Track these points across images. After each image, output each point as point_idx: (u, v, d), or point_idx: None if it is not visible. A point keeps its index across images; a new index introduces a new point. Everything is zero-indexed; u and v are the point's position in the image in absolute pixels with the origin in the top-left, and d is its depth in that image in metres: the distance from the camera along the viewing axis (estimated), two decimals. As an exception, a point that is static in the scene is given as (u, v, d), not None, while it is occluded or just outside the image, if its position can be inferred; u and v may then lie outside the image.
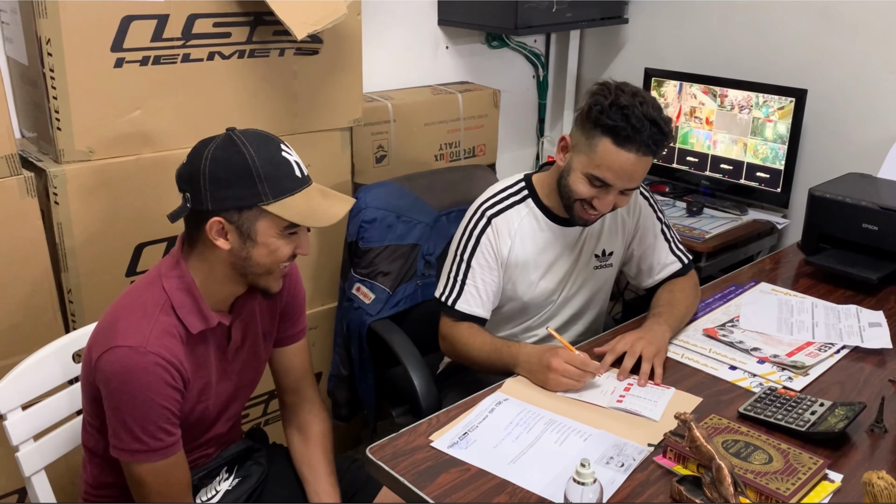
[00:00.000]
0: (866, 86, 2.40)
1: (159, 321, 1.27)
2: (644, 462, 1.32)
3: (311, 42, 2.01)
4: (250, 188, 1.26)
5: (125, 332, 1.24)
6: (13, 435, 1.36)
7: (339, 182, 2.23)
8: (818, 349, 1.67)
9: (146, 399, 1.24)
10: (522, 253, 1.75)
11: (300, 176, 1.31)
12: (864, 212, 2.02)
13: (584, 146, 1.61)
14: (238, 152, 1.26)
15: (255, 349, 1.48)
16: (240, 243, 1.29)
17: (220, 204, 1.26)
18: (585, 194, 1.63)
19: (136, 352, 1.23)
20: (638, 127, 1.54)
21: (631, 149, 1.56)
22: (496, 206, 1.75)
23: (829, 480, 1.26)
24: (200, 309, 1.32)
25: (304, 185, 1.31)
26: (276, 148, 1.30)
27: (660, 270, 1.87)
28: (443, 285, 1.76)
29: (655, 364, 1.57)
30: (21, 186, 1.66)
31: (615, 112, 1.55)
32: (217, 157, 1.26)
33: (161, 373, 1.24)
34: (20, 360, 1.41)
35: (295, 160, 1.32)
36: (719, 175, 2.65)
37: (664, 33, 2.88)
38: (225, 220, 1.27)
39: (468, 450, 1.35)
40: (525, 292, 1.78)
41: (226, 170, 1.25)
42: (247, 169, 1.25)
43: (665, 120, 1.58)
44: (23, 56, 1.80)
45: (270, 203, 1.27)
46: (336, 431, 2.41)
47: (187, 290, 1.31)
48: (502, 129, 2.82)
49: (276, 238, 1.30)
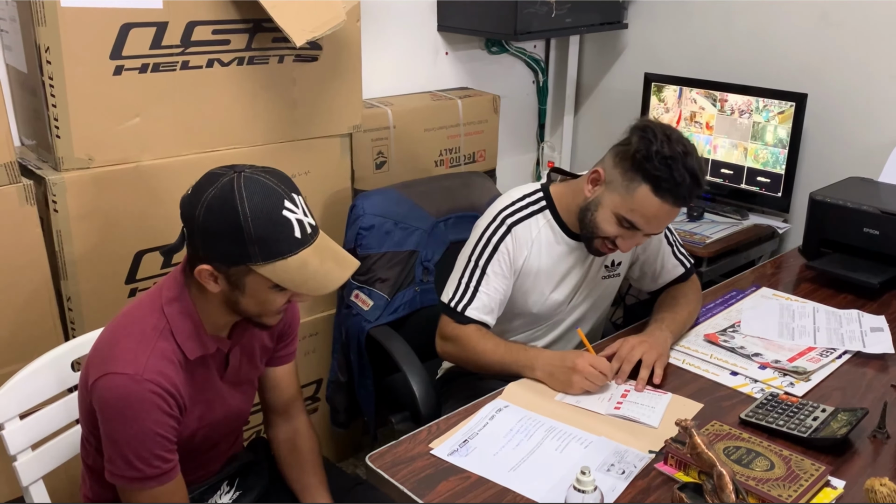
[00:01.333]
0: (867, 89, 2.40)
1: (157, 347, 1.24)
2: (645, 469, 1.31)
3: (310, 49, 2.01)
4: (240, 248, 1.19)
5: (122, 358, 1.22)
6: (11, 444, 1.35)
7: (339, 189, 2.23)
8: (820, 354, 1.67)
9: (142, 427, 1.22)
10: (537, 264, 1.74)
11: (299, 237, 1.22)
12: (865, 216, 2.02)
13: (620, 186, 1.60)
14: (233, 208, 1.18)
15: (252, 372, 1.47)
16: (229, 289, 1.25)
17: (210, 253, 1.22)
18: (611, 233, 1.63)
19: (132, 380, 1.20)
20: (679, 181, 1.54)
21: (668, 199, 1.56)
22: (516, 214, 1.73)
23: (831, 487, 1.26)
24: (199, 335, 1.30)
25: (302, 245, 1.22)
26: (278, 205, 1.21)
27: (663, 275, 1.86)
28: (452, 290, 1.73)
29: (656, 367, 1.57)
30: (20, 194, 1.66)
31: (660, 162, 1.54)
32: (212, 208, 1.19)
33: (157, 401, 1.22)
34: (19, 369, 1.41)
35: (298, 218, 1.22)
36: (720, 180, 2.64)
37: (664, 38, 2.88)
38: (214, 269, 1.23)
39: (468, 457, 1.35)
40: (535, 304, 1.78)
41: (218, 223, 1.19)
42: (238, 227, 1.18)
43: (703, 172, 1.59)
44: (22, 64, 1.80)
45: (260, 266, 1.20)
46: (335, 438, 2.44)
47: (188, 315, 1.29)
48: (502, 134, 2.82)
49: (265, 293, 1.25)
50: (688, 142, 1.59)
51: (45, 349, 1.45)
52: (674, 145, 1.55)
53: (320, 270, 1.24)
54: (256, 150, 2.01)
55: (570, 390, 1.53)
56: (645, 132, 1.58)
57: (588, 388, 1.52)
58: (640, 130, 1.59)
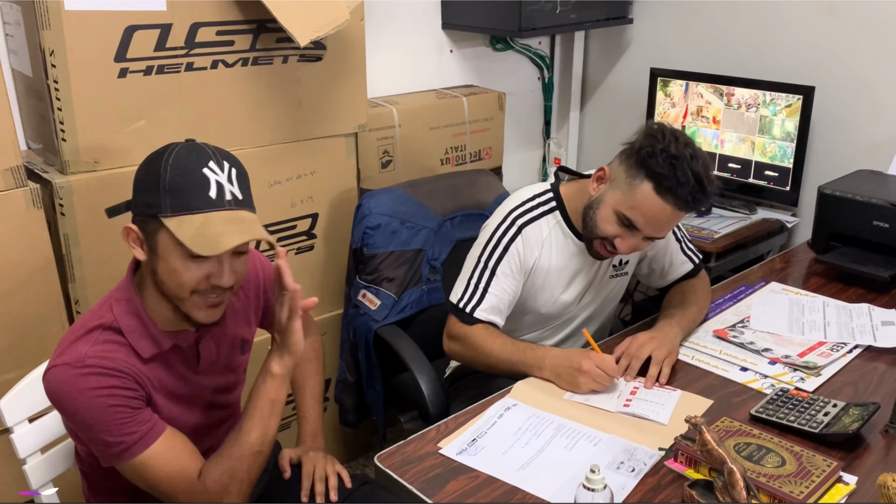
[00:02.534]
0: (874, 82, 2.38)
1: (101, 341, 1.23)
2: (655, 466, 1.31)
3: (314, 48, 2.01)
4: (154, 196, 1.20)
5: (62, 352, 1.22)
6: (20, 448, 1.36)
7: (345, 189, 2.23)
8: (830, 349, 1.66)
9: (94, 404, 1.20)
10: (547, 264, 1.73)
11: (213, 197, 1.20)
12: (874, 209, 2.00)
13: (622, 183, 1.58)
14: (158, 157, 1.23)
15: (234, 363, 1.45)
16: (149, 254, 1.25)
17: (134, 207, 1.25)
18: (609, 233, 1.61)
19: (70, 367, 1.19)
20: (682, 181, 1.51)
21: (669, 200, 1.53)
22: (527, 215, 1.72)
23: (843, 483, 1.25)
24: (149, 333, 1.27)
25: (213, 207, 1.20)
26: (199, 162, 1.22)
27: (672, 272, 1.85)
28: (461, 290, 1.72)
29: (664, 366, 1.56)
30: (27, 198, 1.66)
31: (664, 159, 1.52)
32: (147, 159, 1.25)
33: (101, 379, 1.20)
34: (28, 372, 1.41)
35: (218, 180, 1.21)
36: (727, 174, 2.63)
37: (669, 32, 2.87)
38: (138, 227, 1.24)
39: (477, 456, 1.35)
40: (544, 304, 1.77)
41: (143, 172, 1.24)
42: (156, 176, 1.21)
43: (710, 180, 1.55)
44: (27, 68, 1.81)
45: (168, 217, 1.19)
46: (345, 438, 2.44)
47: (136, 314, 1.27)
48: (508, 131, 2.82)
49: (175, 258, 1.22)
50: (699, 148, 1.57)
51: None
52: (681, 146, 1.53)
53: (218, 231, 1.20)
54: (262, 150, 2.01)
55: (577, 390, 1.53)
56: (653, 132, 1.57)
57: (595, 388, 1.52)
58: (649, 130, 1.58)
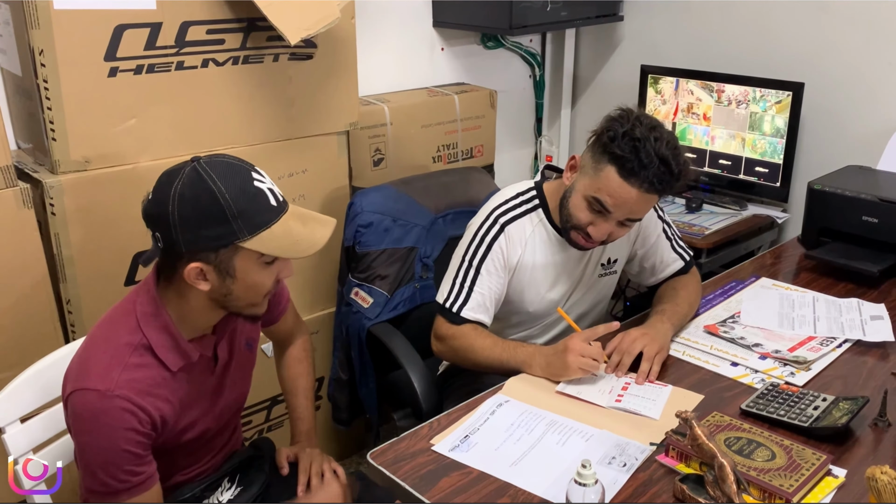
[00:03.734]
0: (864, 78, 2.40)
1: (131, 363, 1.23)
2: (646, 461, 1.31)
3: (305, 47, 2.01)
4: (224, 227, 1.19)
5: (95, 374, 1.21)
6: (12, 448, 1.35)
7: (337, 187, 2.23)
8: (820, 344, 1.67)
9: (110, 443, 1.21)
10: (531, 262, 1.73)
11: (275, 204, 1.24)
12: (863, 204, 2.01)
13: (590, 168, 1.59)
14: (207, 189, 1.18)
15: (242, 361, 1.47)
16: (219, 281, 1.24)
17: (194, 245, 1.20)
18: (583, 220, 1.61)
19: (102, 396, 1.19)
20: (646, 163, 1.51)
21: (634, 183, 1.53)
22: (509, 213, 1.73)
23: (832, 476, 1.26)
24: (179, 346, 1.29)
25: (280, 213, 1.24)
26: (247, 178, 1.22)
27: (662, 269, 1.86)
28: (447, 290, 1.73)
29: (655, 362, 1.56)
30: (17, 198, 1.66)
31: (626, 143, 1.51)
32: (185, 196, 1.18)
33: (126, 417, 1.21)
34: (20, 372, 1.41)
35: (268, 188, 1.24)
36: (718, 171, 2.64)
37: (660, 30, 2.87)
38: (202, 262, 1.21)
39: (470, 453, 1.35)
40: (531, 303, 1.77)
41: (196, 209, 1.18)
42: (218, 206, 1.18)
43: (677, 160, 1.54)
44: (17, 67, 1.80)
45: (247, 239, 1.20)
46: (338, 436, 2.44)
47: (165, 329, 1.27)
48: (500, 129, 2.82)
49: (256, 272, 1.25)
50: (665, 130, 1.56)
51: (46, 352, 1.45)
52: (644, 129, 1.53)
53: (304, 231, 1.26)
54: (253, 149, 2.01)
55: (568, 372, 1.52)
56: (616, 116, 1.57)
57: (583, 365, 1.51)
58: (613, 114, 1.58)
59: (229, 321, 1.39)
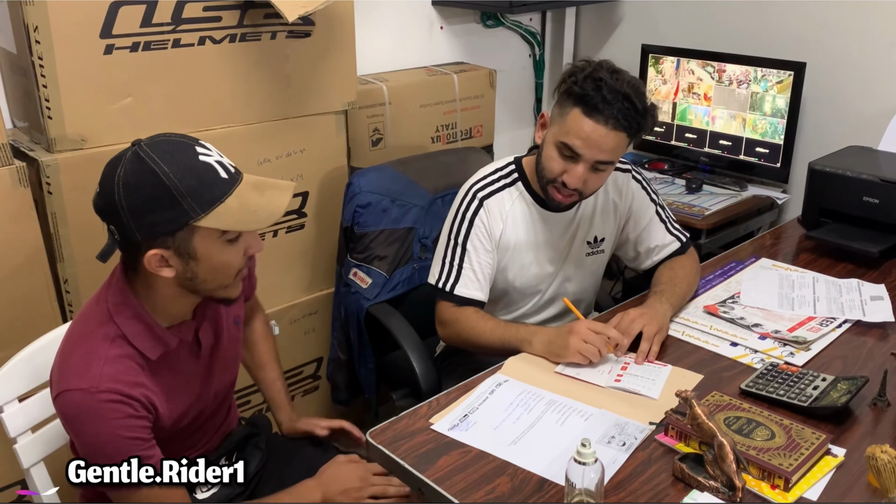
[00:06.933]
0: (865, 58, 2.38)
1: (110, 355, 1.20)
2: (646, 441, 1.31)
3: (302, 24, 1.99)
4: (175, 209, 1.14)
5: (76, 373, 1.19)
6: (10, 427, 1.35)
7: (335, 167, 2.22)
8: (820, 324, 1.66)
9: (111, 436, 1.19)
10: (514, 236, 1.74)
11: (226, 177, 1.18)
12: (864, 185, 2.00)
13: (557, 116, 1.61)
14: (150, 172, 1.13)
15: (231, 339, 1.45)
16: (183, 266, 1.20)
17: (149, 232, 1.15)
18: (556, 170, 1.62)
19: (87, 394, 1.17)
20: (609, 99, 1.53)
21: (599, 119, 1.54)
22: (487, 189, 1.74)
23: (831, 455, 1.26)
24: (155, 334, 1.25)
25: (233, 185, 1.18)
26: (191, 154, 1.17)
27: (658, 252, 1.85)
28: (438, 271, 1.74)
29: (654, 342, 1.56)
30: (13, 176, 1.65)
31: (588, 82, 1.54)
32: (130, 184, 1.14)
33: (118, 407, 1.18)
34: (17, 351, 1.40)
35: (216, 160, 1.18)
36: (718, 151, 2.63)
37: (660, 9, 2.85)
38: (161, 249, 1.17)
39: (469, 432, 1.35)
40: (516, 277, 1.77)
41: (142, 195, 1.13)
42: (164, 188, 1.13)
43: (641, 98, 1.56)
44: (11, 44, 1.78)
45: (201, 217, 1.15)
46: (337, 416, 2.42)
47: (138, 318, 1.24)
48: (499, 109, 2.80)
49: (219, 251, 1.20)
50: (627, 73, 1.59)
51: (43, 331, 1.44)
52: (604, 71, 1.56)
53: (261, 201, 1.20)
54: (251, 128, 2.00)
55: (567, 353, 1.52)
56: (580, 63, 1.60)
57: (583, 350, 1.51)
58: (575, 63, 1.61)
59: (209, 304, 1.35)
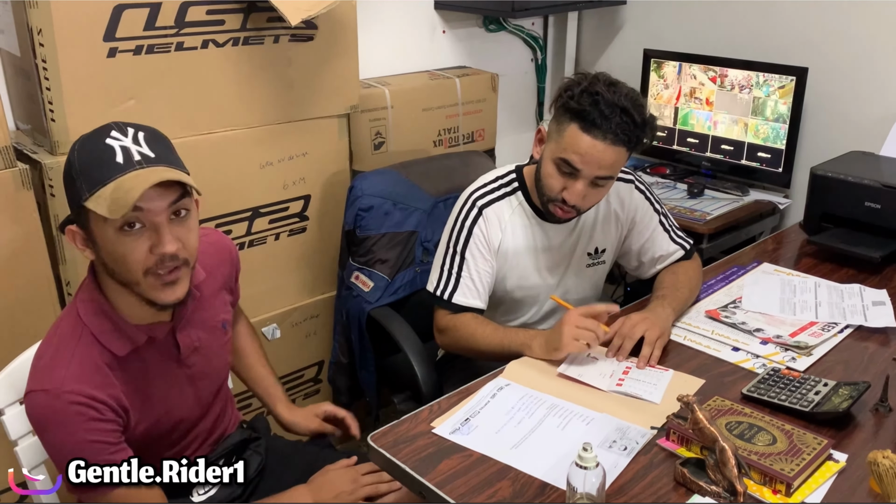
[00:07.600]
0: (867, 63, 2.38)
1: (76, 354, 1.19)
2: (647, 445, 1.31)
3: (305, 28, 2.00)
4: (72, 186, 1.15)
5: (41, 374, 1.19)
6: (11, 429, 1.35)
7: (338, 170, 2.22)
8: (822, 329, 1.66)
9: (75, 440, 1.18)
10: (513, 245, 1.73)
11: (121, 162, 1.12)
12: (866, 190, 2.00)
13: (554, 133, 1.60)
14: (71, 149, 1.16)
15: (217, 344, 1.43)
16: (92, 249, 1.19)
17: (69, 205, 1.18)
18: (556, 187, 1.60)
19: (51, 396, 1.16)
20: (607, 114, 1.51)
21: (597, 135, 1.52)
22: (486, 197, 1.73)
23: (833, 460, 1.26)
24: (121, 330, 1.24)
25: (123, 171, 1.12)
26: (102, 135, 1.15)
27: (662, 261, 1.85)
28: (436, 279, 1.73)
29: (656, 347, 1.56)
30: (16, 179, 1.65)
31: (585, 97, 1.53)
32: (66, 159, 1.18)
33: (81, 410, 1.17)
34: (19, 353, 1.40)
35: (123, 146, 1.14)
36: (720, 156, 2.63)
37: (662, 14, 2.85)
38: (77, 227, 1.18)
39: (470, 436, 1.35)
40: (515, 288, 1.77)
41: (65, 170, 1.17)
42: (69, 165, 1.15)
43: (639, 110, 1.54)
44: (15, 47, 1.79)
45: (87, 199, 1.12)
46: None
47: (103, 313, 1.23)
48: (501, 113, 2.81)
49: (112, 240, 1.15)
50: (625, 85, 1.57)
51: (45, 334, 1.44)
52: (602, 85, 1.54)
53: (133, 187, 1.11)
54: (253, 131, 2.00)
55: (564, 343, 1.51)
56: (576, 77, 1.58)
57: (578, 336, 1.51)
58: (573, 76, 1.60)
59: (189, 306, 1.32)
